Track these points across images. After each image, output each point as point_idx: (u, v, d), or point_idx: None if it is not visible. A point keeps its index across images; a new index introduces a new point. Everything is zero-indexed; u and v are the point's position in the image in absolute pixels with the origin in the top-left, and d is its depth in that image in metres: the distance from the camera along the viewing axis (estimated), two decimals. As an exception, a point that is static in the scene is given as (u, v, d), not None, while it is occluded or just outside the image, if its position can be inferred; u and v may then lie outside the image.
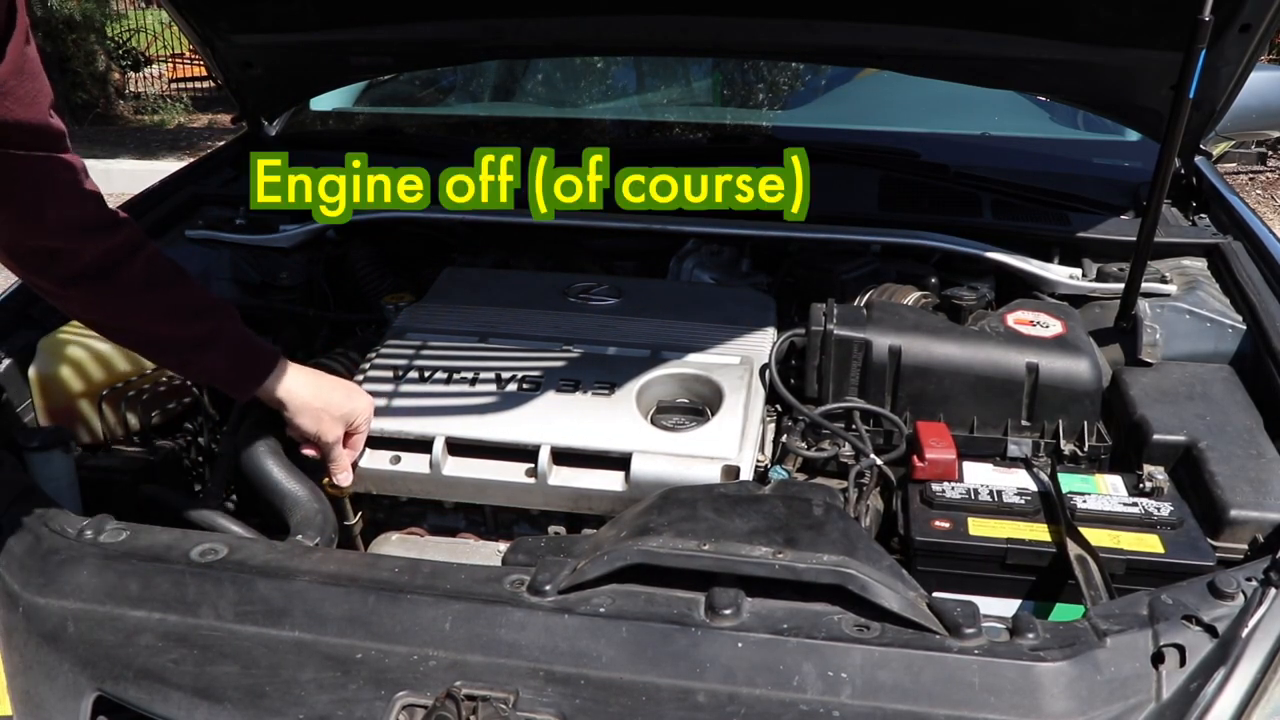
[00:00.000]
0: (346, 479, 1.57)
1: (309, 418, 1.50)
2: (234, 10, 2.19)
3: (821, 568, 1.18)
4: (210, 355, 1.45)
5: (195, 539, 1.33)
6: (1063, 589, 1.39)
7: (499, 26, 2.20)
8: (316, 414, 1.50)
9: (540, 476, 1.55)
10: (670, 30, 2.16)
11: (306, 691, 1.15)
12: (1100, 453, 1.64)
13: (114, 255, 1.34)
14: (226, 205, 2.29)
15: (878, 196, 2.21)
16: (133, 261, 1.36)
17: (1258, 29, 1.78)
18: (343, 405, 1.53)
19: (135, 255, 1.36)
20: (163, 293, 1.40)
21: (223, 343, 1.45)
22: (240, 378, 1.48)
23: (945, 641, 1.13)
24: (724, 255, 2.18)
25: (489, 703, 1.10)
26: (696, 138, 2.82)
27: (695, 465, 1.51)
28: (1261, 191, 7.07)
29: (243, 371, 1.47)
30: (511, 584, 1.22)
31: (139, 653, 1.21)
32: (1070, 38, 1.96)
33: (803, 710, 1.09)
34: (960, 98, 2.44)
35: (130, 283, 1.36)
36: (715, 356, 1.72)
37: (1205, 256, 2.03)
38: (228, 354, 1.46)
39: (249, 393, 1.48)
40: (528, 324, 1.83)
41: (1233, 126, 2.66)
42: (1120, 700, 1.08)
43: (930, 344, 1.68)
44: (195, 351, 1.44)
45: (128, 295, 1.37)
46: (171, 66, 11.67)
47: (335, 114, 3.10)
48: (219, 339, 1.45)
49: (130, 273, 1.35)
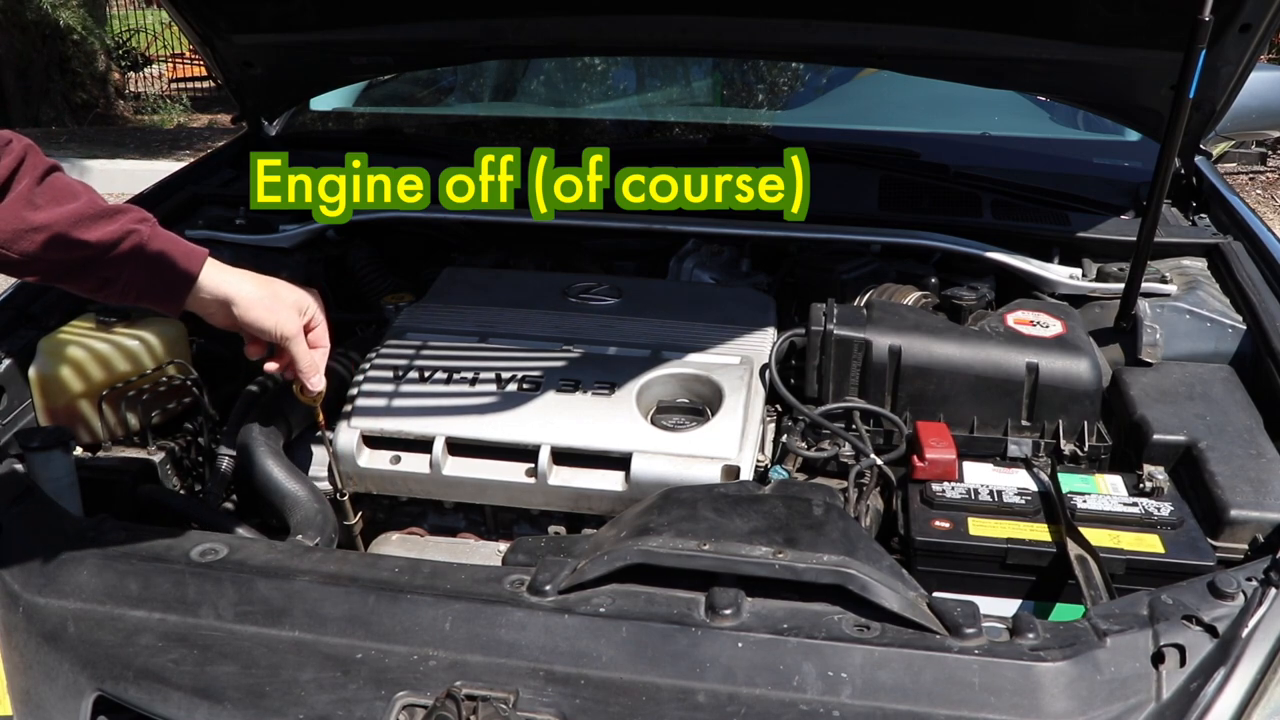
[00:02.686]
0: (320, 382, 1.44)
1: (262, 309, 1.33)
2: (234, 10, 2.19)
3: (821, 568, 1.18)
4: (127, 269, 1.26)
5: (195, 539, 1.33)
6: (1063, 589, 1.39)
7: (499, 26, 2.20)
8: (269, 304, 1.34)
9: (540, 476, 1.55)
10: (670, 30, 2.16)
11: (306, 691, 1.15)
12: (1100, 453, 1.64)
13: None
14: (226, 205, 2.29)
15: (878, 196, 2.21)
16: (20, 176, 1.20)
17: (1258, 29, 1.78)
18: (291, 293, 1.38)
19: (22, 168, 1.21)
20: (60, 208, 1.21)
21: (137, 251, 1.26)
22: (167, 287, 1.29)
23: (945, 641, 1.13)
24: (724, 255, 2.18)
25: (489, 703, 1.10)
26: (696, 138, 2.82)
27: (695, 465, 1.51)
28: (1261, 191, 7.07)
29: (167, 278, 1.28)
30: (511, 584, 1.22)
31: (139, 653, 1.21)
32: (1070, 38, 1.96)
33: (803, 710, 1.09)
34: (960, 98, 2.44)
35: (19, 198, 1.19)
36: (715, 356, 1.72)
37: (1205, 256, 2.03)
38: (146, 264, 1.27)
39: (180, 301, 1.30)
40: (528, 324, 1.83)
41: (1233, 126, 2.67)
42: (1120, 700, 1.08)
43: (930, 344, 1.68)
44: (108, 267, 1.25)
45: (17, 211, 1.19)
46: (171, 66, 11.69)
47: (335, 114, 3.10)
48: (131, 247, 1.26)
49: (19, 188, 1.19)
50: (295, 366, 1.41)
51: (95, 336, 1.74)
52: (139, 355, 1.74)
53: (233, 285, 1.33)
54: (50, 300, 1.87)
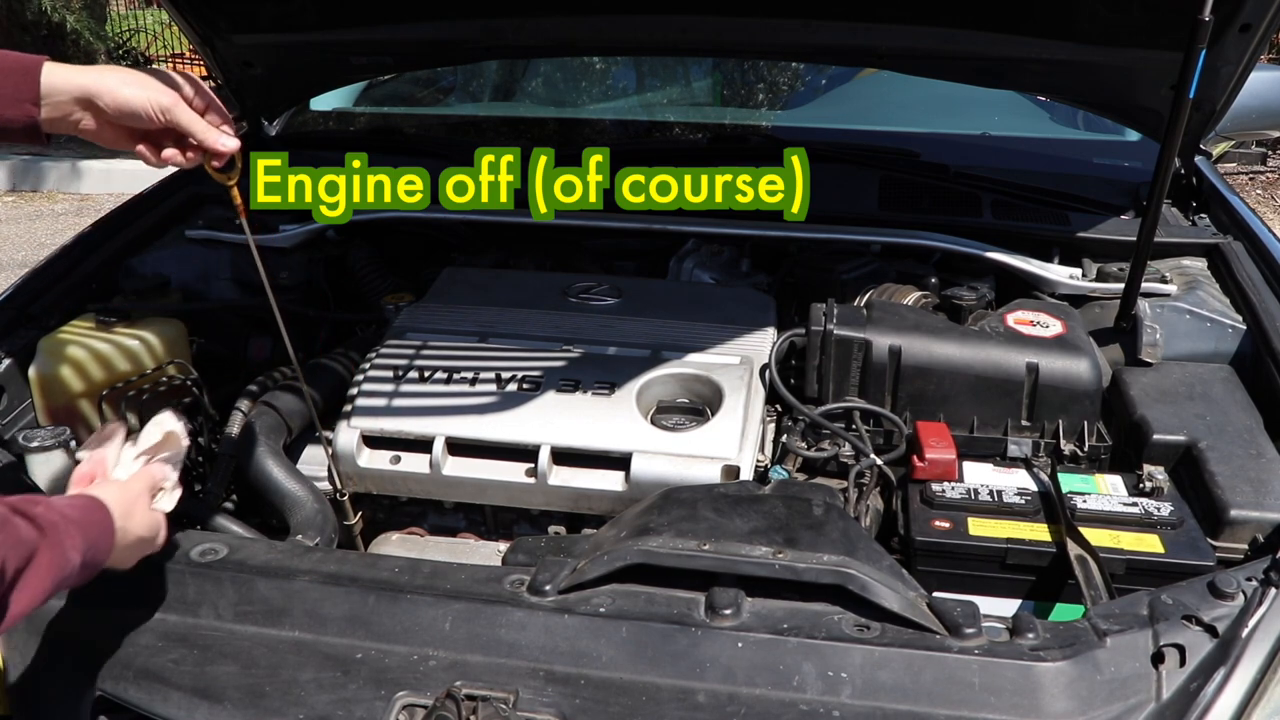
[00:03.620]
0: (229, 141, 1.30)
1: (132, 88, 1.20)
2: (234, 10, 2.19)
3: (821, 568, 1.18)
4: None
5: (195, 539, 1.33)
6: (1063, 589, 1.39)
7: (499, 26, 2.20)
8: (134, 81, 1.21)
9: (540, 476, 1.55)
10: (670, 30, 2.16)
11: (306, 691, 1.15)
12: (1100, 453, 1.64)
13: None
14: (227, 205, 2.29)
15: (878, 196, 2.21)
16: None
17: (1258, 29, 1.78)
18: (143, 73, 1.24)
19: None
20: None
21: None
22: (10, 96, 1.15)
23: (945, 641, 1.13)
24: (724, 255, 2.18)
25: (489, 703, 1.10)
26: (696, 138, 2.82)
27: (695, 465, 1.51)
28: (1261, 191, 7.07)
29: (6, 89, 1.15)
30: (511, 584, 1.22)
31: (139, 653, 1.21)
32: (1070, 38, 1.96)
33: (803, 710, 1.09)
34: (960, 98, 2.44)
35: None
36: (715, 356, 1.72)
37: (1205, 256, 2.03)
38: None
39: (34, 108, 1.17)
40: (528, 324, 1.83)
41: (1233, 126, 2.66)
42: (1120, 700, 1.08)
43: (930, 344, 1.68)
44: None
45: None
46: (171, 66, 11.67)
47: (335, 114, 3.10)
48: None
49: None
50: (193, 136, 1.26)
51: (95, 336, 1.74)
52: (139, 355, 1.74)
53: (89, 75, 1.18)
54: (50, 300, 1.87)
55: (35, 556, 0.96)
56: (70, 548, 1.01)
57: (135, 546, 1.15)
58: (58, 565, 0.98)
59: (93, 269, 2.00)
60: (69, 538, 1.01)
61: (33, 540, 0.97)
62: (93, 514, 1.08)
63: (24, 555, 0.95)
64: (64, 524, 1.01)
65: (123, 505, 1.12)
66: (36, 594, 0.96)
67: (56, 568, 0.98)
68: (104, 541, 1.08)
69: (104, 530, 1.08)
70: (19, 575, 0.95)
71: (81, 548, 1.02)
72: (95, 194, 7.48)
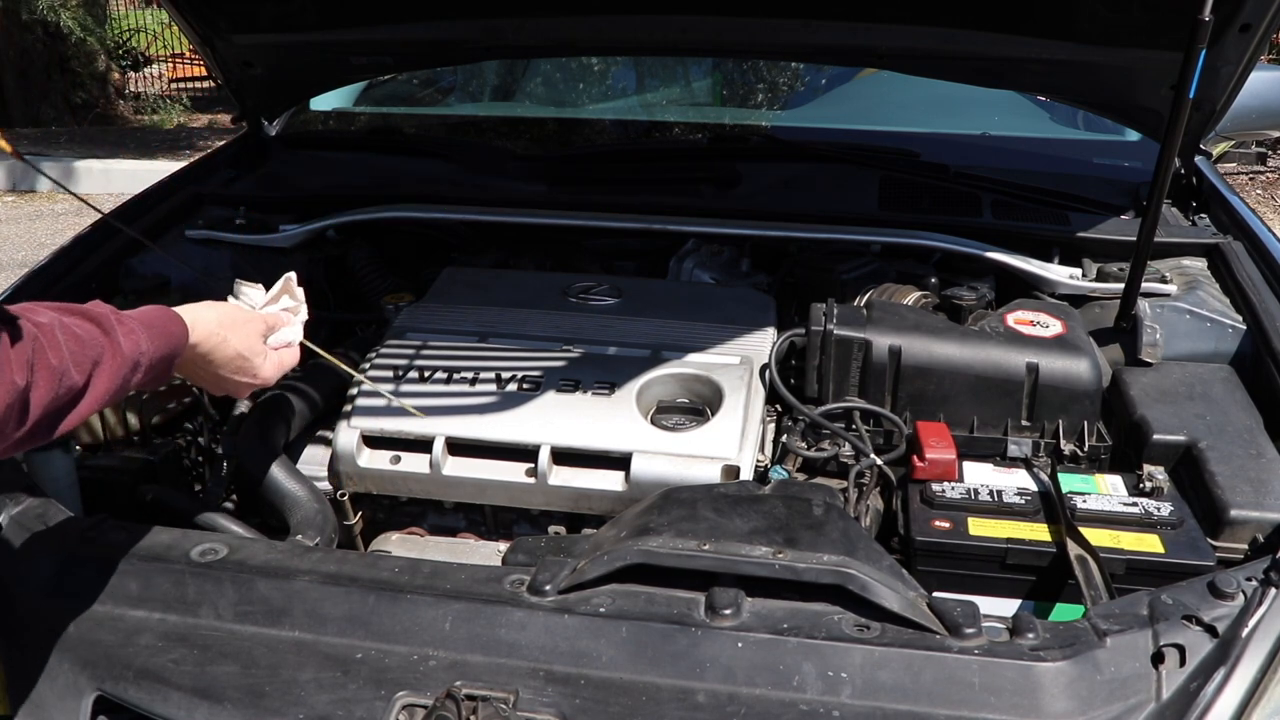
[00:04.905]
0: None
1: None
2: (234, 10, 2.19)
3: (821, 568, 1.18)
4: None
5: (195, 539, 1.33)
6: (1063, 589, 1.39)
7: (499, 26, 2.20)
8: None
9: (540, 476, 1.55)
10: (670, 30, 2.16)
11: (306, 691, 1.15)
12: (1100, 453, 1.64)
13: None
14: (226, 205, 2.29)
15: (878, 196, 2.21)
16: None
17: (1258, 29, 1.78)
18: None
19: None
20: None
21: None
22: None
23: (945, 641, 1.13)
24: (724, 255, 2.18)
25: (489, 703, 1.10)
26: (696, 138, 2.82)
27: (695, 465, 1.51)
28: (1261, 191, 7.07)
29: None
30: (511, 584, 1.22)
31: (139, 653, 1.21)
32: (1070, 38, 1.96)
33: (803, 710, 1.09)
34: (960, 98, 2.44)
35: None
36: (715, 356, 1.72)
37: (1205, 256, 2.03)
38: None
39: None
40: (528, 324, 1.83)
41: (1233, 126, 2.66)
42: (1120, 700, 1.08)
43: (930, 344, 1.68)
44: None
45: None
46: (171, 66, 11.68)
47: (335, 114, 3.10)
48: None
49: None
50: None
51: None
52: (139, 355, 1.74)
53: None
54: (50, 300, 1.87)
55: (101, 357, 1.07)
56: (126, 334, 1.11)
57: (234, 362, 1.30)
58: (123, 363, 1.10)
59: (93, 269, 2.00)
60: (124, 326, 1.12)
61: (98, 340, 1.08)
62: (153, 312, 1.20)
63: (93, 350, 1.06)
64: (116, 316, 1.12)
65: (223, 321, 1.29)
66: (112, 380, 1.08)
67: (123, 365, 1.09)
68: (173, 342, 1.19)
69: (167, 319, 1.20)
70: (93, 370, 1.06)
71: (147, 348, 1.13)
72: (95, 194, 7.48)
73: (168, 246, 2.14)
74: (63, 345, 1.03)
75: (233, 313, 1.34)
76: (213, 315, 1.29)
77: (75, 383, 1.04)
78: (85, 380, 1.06)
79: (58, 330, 1.04)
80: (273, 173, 2.50)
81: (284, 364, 1.41)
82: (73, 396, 1.05)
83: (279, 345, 1.41)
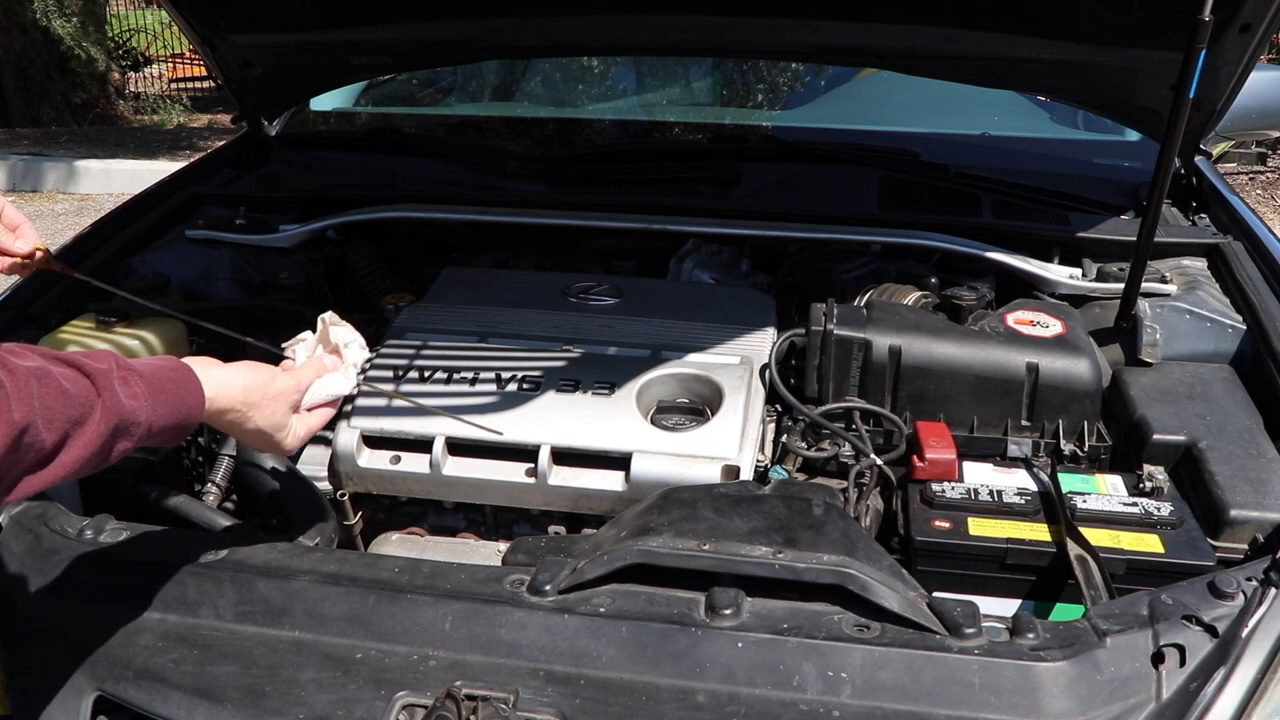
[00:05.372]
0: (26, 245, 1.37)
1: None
2: (234, 10, 2.19)
3: (821, 568, 1.18)
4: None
5: (195, 539, 1.33)
6: (1063, 589, 1.39)
7: (499, 26, 2.20)
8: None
9: (540, 476, 1.55)
10: (670, 30, 2.16)
11: (306, 691, 1.15)
12: (1100, 453, 1.64)
13: None
14: (226, 205, 2.29)
15: (878, 196, 2.21)
16: None
17: (1258, 29, 1.78)
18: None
19: None
20: None
21: None
22: None
23: (945, 641, 1.13)
24: (724, 255, 2.18)
25: (489, 703, 1.10)
26: (696, 138, 2.82)
27: (695, 465, 1.51)
28: (1261, 191, 7.07)
29: None
30: (511, 584, 1.22)
31: (139, 653, 1.21)
32: (1070, 38, 1.96)
33: (803, 710, 1.09)
34: (960, 98, 2.44)
35: None
36: (715, 356, 1.72)
37: (1205, 256, 2.03)
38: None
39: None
40: (528, 324, 1.83)
41: (1233, 126, 2.66)
42: (1120, 700, 1.08)
43: (930, 344, 1.68)
44: None
45: None
46: (171, 66, 11.69)
47: (335, 114, 3.10)
48: None
49: None
50: None
51: (95, 336, 1.74)
52: (139, 355, 1.74)
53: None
54: (50, 300, 1.87)
55: (86, 417, 0.94)
56: (129, 397, 0.98)
57: (254, 436, 1.20)
58: (111, 427, 0.96)
59: (93, 269, 2.00)
60: (127, 387, 0.98)
61: (86, 397, 0.94)
62: (168, 371, 1.07)
63: (74, 408, 0.93)
64: (122, 373, 0.99)
65: (249, 392, 1.16)
66: (90, 446, 0.94)
67: (110, 429, 0.96)
68: (182, 412, 1.06)
69: (181, 387, 1.06)
70: (70, 431, 0.92)
71: (146, 415, 1.00)
72: (95, 194, 7.49)
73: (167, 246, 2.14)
74: (34, 397, 0.90)
75: (263, 384, 1.20)
76: (239, 385, 1.17)
77: (43, 442, 0.91)
78: (58, 440, 0.92)
79: (35, 380, 0.91)
80: (273, 173, 2.50)
81: (311, 430, 1.28)
82: (38, 458, 0.92)
83: (316, 404, 1.29)
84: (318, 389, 1.29)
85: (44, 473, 0.93)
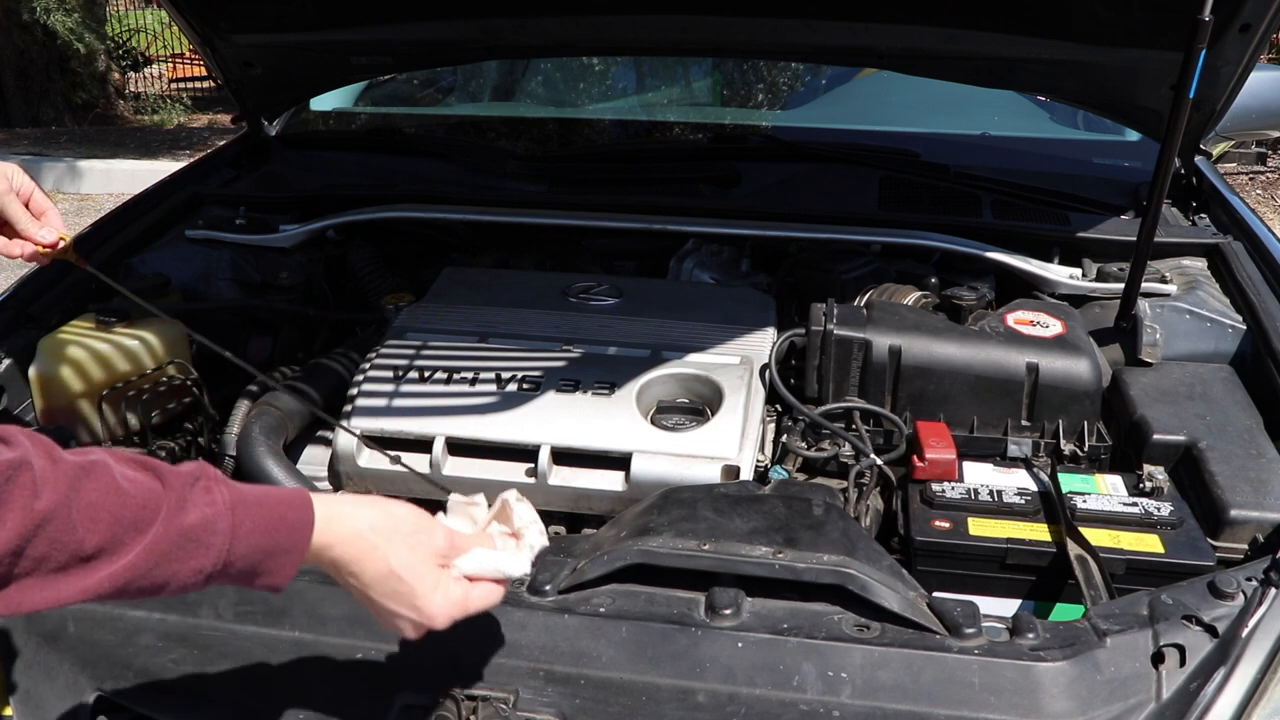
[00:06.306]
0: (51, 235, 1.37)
1: None
2: (234, 10, 2.19)
3: (821, 568, 1.18)
4: None
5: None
6: (1063, 589, 1.38)
7: (499, 26, 2.20)
8: None
9: (540, 476, 1.55)
10: (670, 30, 2.16)
11: (306, 692, 1.15)
12: (1100, 453, 1.63)
13: None
14: (226, 205, 2.29)
15: (878, 196, 2.21)
16: None
17: (1258, 29, 1.78)
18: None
19: None
20: None
21: None
22: None
23: (945, 641, 1.13)
24: (724, 255, 2.18)
25: (489, 703, 1.10)
26: (696, 138, 2.82)
27: (695, 465, 1.51)
28: (1261, 191, 7.07)
29: None
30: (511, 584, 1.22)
31: (139, 653, 1.21)
32: (1070, 38, 1.96)
33: (803, 710, 1.09)
34: (960, 98, 2.44)
35: None
36: (715, 356, 1.72)
37: (1205, 256, 2.03)
38: None
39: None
40: (528, 324, 1.83)
41: (1233, 126, 2.66)
42: (1120, 700, 1.08)
43: (930, 344, 1.68)
44: None
45: None
46: (171, 66, 11.70)
47: (335, 114, 3.10)
48: None
49: None
50: (15, 226, 1.33)
51: (95, 336, 1.74)
52: (139, 355, 1.74)
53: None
54: (50, 300, 1.87)
55: (144, 523, 0.78)
56: (205, 504, 0.81)
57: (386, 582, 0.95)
58: (172, 540, 0.79)
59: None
60: (208, 494, 0.81)
61: (144, 494, 0.78)
62: (273, 497, 0.86)
63: (130, 509, 0.78)
64: (205, 482, 0.81)
65: (378, 525, 0.93)
66: (138, 566, 0.78)
67: (171, 541, 0.79)
68: (280, 534, 0.85)
69: (281, 500, 0.86)
70: (125, 531, 0.77)
71: (229, 507, 0.82)
72: (95, 194, 7.49)
73: (167, 246, 2.14)
74: (72, 489, 0.77)
75: (404, 521, 0.97)
76: (366, 515, 0.94)
77: (80, 541, 0.76)
78: (101, 543, 0.77)
79: (82, 471, 0.78)
80: (273, 173, 2.50)
81: (469, 603, 1.00)
82: (69, 559, 0.77)
83: (481, 576, 1.03)
84: (488, 559, 1.04)
85: (82, 580, 0.77)
